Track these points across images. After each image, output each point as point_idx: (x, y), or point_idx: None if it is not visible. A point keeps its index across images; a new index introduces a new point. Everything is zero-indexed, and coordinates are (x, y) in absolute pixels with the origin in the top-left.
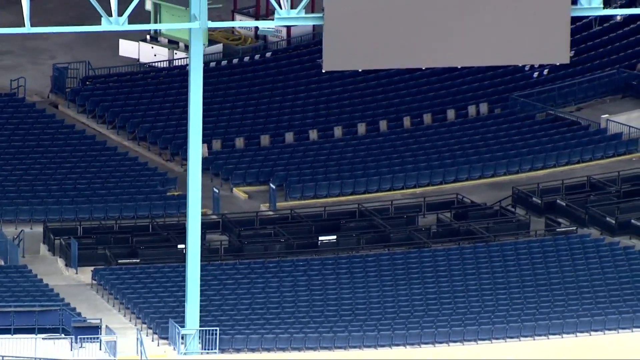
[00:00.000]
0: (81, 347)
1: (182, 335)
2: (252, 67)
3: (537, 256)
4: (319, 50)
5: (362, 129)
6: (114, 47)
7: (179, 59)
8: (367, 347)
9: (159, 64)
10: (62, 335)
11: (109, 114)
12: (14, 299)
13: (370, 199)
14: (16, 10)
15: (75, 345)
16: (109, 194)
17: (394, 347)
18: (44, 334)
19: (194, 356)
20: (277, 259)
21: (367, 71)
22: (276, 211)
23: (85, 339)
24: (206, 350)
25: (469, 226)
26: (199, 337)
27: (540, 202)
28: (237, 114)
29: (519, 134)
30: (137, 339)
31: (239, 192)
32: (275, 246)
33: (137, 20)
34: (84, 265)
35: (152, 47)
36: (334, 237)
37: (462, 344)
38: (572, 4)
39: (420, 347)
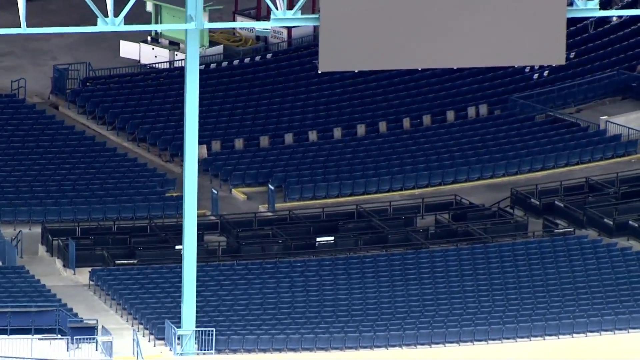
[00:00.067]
0: (77, 347)
1: (178, 335)
2: (253, 69)
3: (534, 257)
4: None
5: (361, 130)
6: (115, 48)
7: (179, 60)
8: (364, 347)
9: (159, 65)
10: (59, 335)
11: (109, 115)
12: (10, 300)
13: (368, 200)
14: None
15: (71, 345)
16: (107, 195)
17: (390, 347)
18: (41, 334)
19: (190, 357)
20: (274, 260)
21: (367, 72)
22: (274, 212)
23: (81, 339)
24: (202, 350)
25: (466, 227)
26: (195, 337)
27: (538, 203)
28: (237, 115)
29: (518, 135)
30: (134, 339)
31: (238, 193)
32: (272, 247)
33: (138, 21)
34: (81, 266)
35: (153, 49)
36: (332, 238)
37: (459, 345)
38: (568, 5)
39: (416, 348)
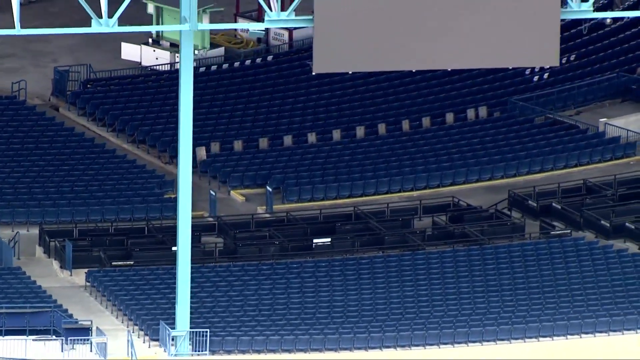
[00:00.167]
0: (72, 348)
1: (173, 336)
2: (254, 71)
3: (530, 259)
4: None
5: (360, 132)
6: (117, 50)
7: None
8: (358, 349)
9: (160, 67)
10: (53, 336)
11: (109, 117)
12: (6, 301)
13: (366, 202)
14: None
15: (65, 346)
16: (106, 196)
17: (384, 349)
18: (35, 335)
19: (184, 357)
20: (271, 261)
21: (367, 74)
22: (272, 214)
23: (75, 340)
24: (196, 351)
25: (463, 229)
26: (190, 338)
27: (536, 205)
28: (237, 117)
29: (517, 137)
30: (128, 340)
31: (236, 195)
32: (269, 248)
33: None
34: (78, 267)
35: (154, 51)
36: (329, 239)
37: (453, 346)
38: (562, 6)
39: (410, 349)
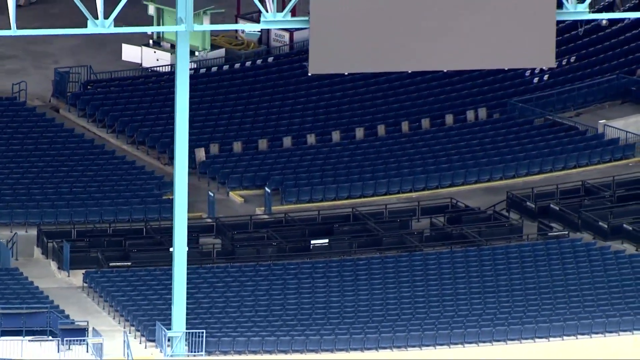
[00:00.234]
0: (68, 349)
1: (169, 337)
2: (254, 72)
3: (527, 260)
4: None
5: (360, 133)
6: (118, 51)
7: None
8: (354, 349)
9: (161, 68)
10: (49, 337)
11: (108, 118)
12: (3, 302)
13: (365, 203)
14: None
15: (62, 347)
16: (104, 198)
17: (381, 349)
18: (32, 336)
19: (180, 358)
20: (268, 262)
21: (367, 75)
22: (271, 215)
23: (72, 341)
24: (192, 352)
25: (461, 230)
26: (185, 339)
27: (534, 206)
28: (236, 118)
29: (516, 138)
30: (124, 341)
31: (235, 196)
32: (267, 249)
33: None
34: (76, 268)
35: (155, 52)
36: (326, 240)
37: (449, 347)
38: (558, 8)
39: (407, 350)
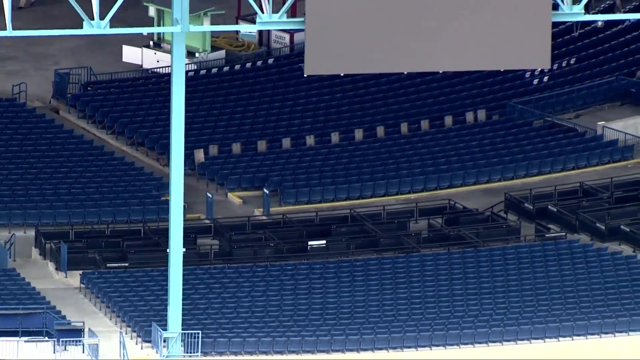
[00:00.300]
0: (64, 349)
1: (164, 338)
2: (254, 73)
3: (524, 261)
4: None
5: (359, 135)
6: (118, 53)
7: None
8: (350, 350)
9: (161, 69)
10: (45, 338)
11: (108, 119)
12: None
13: (364, 205)
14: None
15: (58, 347)
16: (103, 199)
17: (377, 350)
18: (28, 336)
19: (176, 359)
20: (265, 263)
21: (367, 77)
22: (269, 216)
23: (67, 341)
24: (188, 353)
25: (459, 232)
26: (181, 340)
27: (532, 207)
28: (236, 120)
29: (515, 140)
30: (120, 341)
31: (234, 197)
32: (264, 251)
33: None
34: (73, 269)
35: (155, 53)
36: (324, 241)
37: (445, 348)
38: (554, 9)
39: (402, 351)
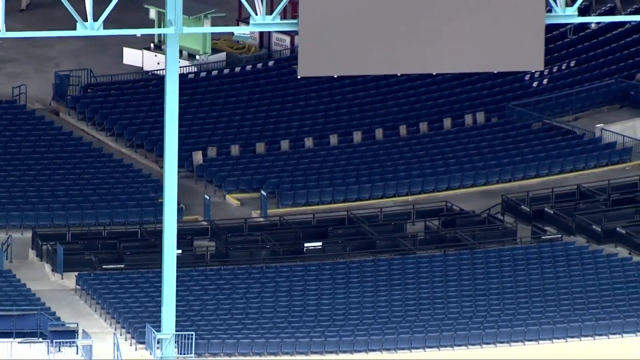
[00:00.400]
0: (58, 351)
1: (158, 339)
2: (254, 75)
3: (520, 263)
4: None
5: (357, 137)
6: (119, 55)
7: (181, 67)
8: (344, 351)
9: (161, 71)
10: (39, 339)
11: (107, 121)
12: None
13: (361, 207)
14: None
15: (52, 349)
16: (100, 200)
17: (370, 352)
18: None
19: None
20: (261, 265)
21: (366, 79)
22: (266, 218)
23: (61, 343)
24: (182, 354)
25: (455, 233)
26: (175, 341)
27: (528, 210)
28: (235, 122)
29: (513, 142)
30: (114, 343)
31: (232, 199)
32: (260, 252)
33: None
34: (69, 270)
35: (156, 56)
36: (320, 243)
37: (439, 350)
38: (547, 11)
39: (396, 352)
